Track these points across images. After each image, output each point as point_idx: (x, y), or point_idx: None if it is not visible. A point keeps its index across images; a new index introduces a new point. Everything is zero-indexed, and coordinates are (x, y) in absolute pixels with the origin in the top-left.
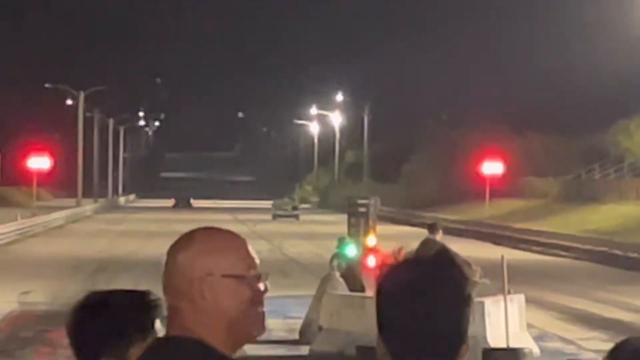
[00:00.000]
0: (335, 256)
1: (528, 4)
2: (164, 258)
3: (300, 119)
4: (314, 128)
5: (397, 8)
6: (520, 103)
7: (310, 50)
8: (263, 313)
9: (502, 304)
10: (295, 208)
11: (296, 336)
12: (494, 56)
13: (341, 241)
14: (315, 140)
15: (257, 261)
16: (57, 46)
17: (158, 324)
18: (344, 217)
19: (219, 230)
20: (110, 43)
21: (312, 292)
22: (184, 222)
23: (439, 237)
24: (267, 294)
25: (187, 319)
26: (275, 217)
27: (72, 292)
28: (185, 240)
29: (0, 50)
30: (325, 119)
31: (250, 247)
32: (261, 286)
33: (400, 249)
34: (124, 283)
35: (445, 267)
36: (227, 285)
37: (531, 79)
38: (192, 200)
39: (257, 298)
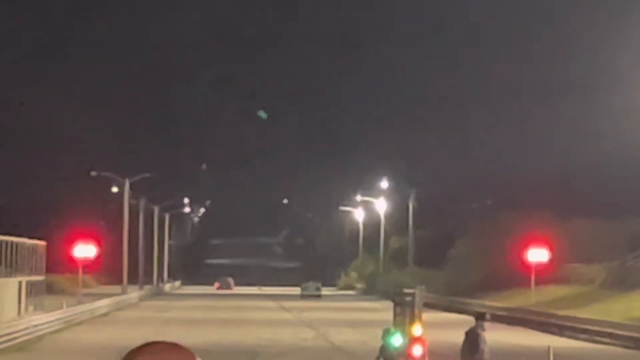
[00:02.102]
0: (383, 348)
1: (570, 86)
2: (209, 346)
3: (345, 205)
4: (358, 214)
5: (440, 94)
6: (566, 188)
7: (355, 136)
8: None
9: None
10: (317, 289)
11: None
12: (541, 141)
13: (386, 332)
14: (360, 227)
15: None
16: (103, 134)
17: None
18: (389, 304)
19: (169, 344)
20: (156, 131)
21: None
22: (228, 309)
23: (487, 325)
24: None
25: None
26: (302, 296)
27: None
28: (136, 353)
29: (46, 138)
30: (370, 205)
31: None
32: None
33: None
34: None
35: None
36: None
37: (577, 164)
38: (232, 281)
39: None
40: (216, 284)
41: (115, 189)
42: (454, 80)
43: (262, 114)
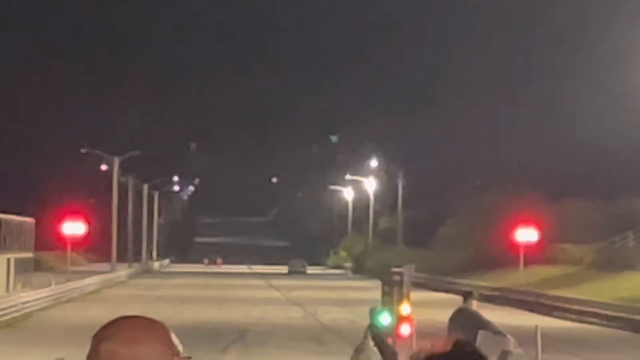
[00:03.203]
0: (370, 327)
1: (562, 69)
2: (199, 324)
3: (334, 184)
4: (348, 194)
5: (432, 73)
6: (555, 169)
7: (345, 116)
8: None
9: None
10: (303, 266)
11: None
12: (529, 122)
13: (374, 311)
14: (350, 206)
15: (180, 348)
16: (92, 111)
17: None
18: (377, 283)
19: (142, 318)
20: (145, 109)
21: None
22: (218, 288)
23: (475, 305)
24: None
25: None
26: (290, 272)
27: None
28: (108, 329)
29: (36, 116)
30: (359, 185)
31: (173, 334)
32: None
33: (419, 352)
34: None
35: None
36: None
37: (567, 145)
38: (219, 259)
39: None
40: (205, 260)
41: (104, 167)
42: (444, 63)
43: (334, 138)
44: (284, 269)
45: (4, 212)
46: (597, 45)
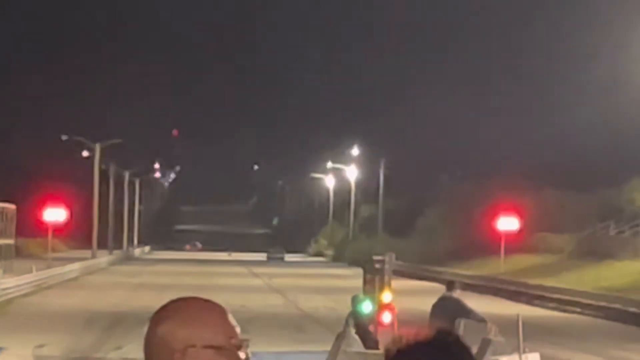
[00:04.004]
0: (351, 314)
1: (544, 60)
2: None
3: (316, 172)
4: (329, 182)
5: (413, 64)
6: (537, 158)
7: (326, 104)
8: None
9: None
10: (281, 253)
11: None
12: (510, 112)
13: (355, 299)
14: (331, 194)
15: (238, 330)
16: (74, 98)
17: None
18: (358, 271)
19: (199, 300)
20: (127, 95)
21: (328, 347)
22: (199, 275)
23: (458, 294)
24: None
25: None
26: (268, 259)
27: (86, 345)
28: (165, 311)
29: (17, 102)
30: (340, 173)
31: (230, 316)
32: (242, 355)
33: (401, 338)
34: (139, 336)
35: (454, 354)
36: (208, 356)
37: (548, 135)
38: (199, 244)
39: None
40: (187, 246)
41: (86, 154)
42: (426, 52)
43: (275, 221)
44: (263, 256)
45: None
46: (578, 40)
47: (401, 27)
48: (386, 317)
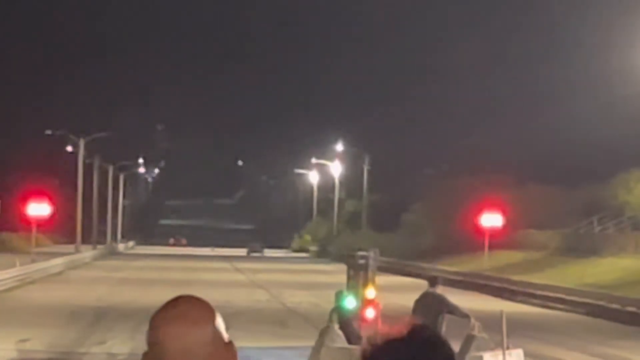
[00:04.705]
0: (335, 309)
1: (529, 56)
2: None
3: (300, 168)
4: (313, 177)
5: (397, 60)
6: (521, 155)
7: (311, 99)
8: None
9: (500, 358)
10: (262, 248)
11: None
12: (495, 108)
13: (339, 295)
14: (315, 190)
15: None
16: (58, 93)
17: None
18: (342, 267)
19: (199, 299)
20: (111, 90)
21: (311, 343)
22: (182, 270)
23: (439, 290)
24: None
25: None
26: (249, 253)
27: (70, 340)
28: (166, 311)
29: (1, 97)
30: (325, 169)
31: (219, 318)
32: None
33: (375, 335)
34: (123, 331)
35: (431, 350)
36: (228, 351)
37: (532, 131)
38: (184, 240)
39: None
40: (171, 240)
41: (70, 148)
42: (411, 49)
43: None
44: (245, 251)
45: None
46: (562, 34)
47: (386, 23)
48: (370, 313)
